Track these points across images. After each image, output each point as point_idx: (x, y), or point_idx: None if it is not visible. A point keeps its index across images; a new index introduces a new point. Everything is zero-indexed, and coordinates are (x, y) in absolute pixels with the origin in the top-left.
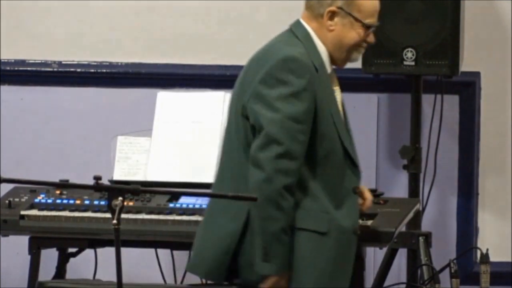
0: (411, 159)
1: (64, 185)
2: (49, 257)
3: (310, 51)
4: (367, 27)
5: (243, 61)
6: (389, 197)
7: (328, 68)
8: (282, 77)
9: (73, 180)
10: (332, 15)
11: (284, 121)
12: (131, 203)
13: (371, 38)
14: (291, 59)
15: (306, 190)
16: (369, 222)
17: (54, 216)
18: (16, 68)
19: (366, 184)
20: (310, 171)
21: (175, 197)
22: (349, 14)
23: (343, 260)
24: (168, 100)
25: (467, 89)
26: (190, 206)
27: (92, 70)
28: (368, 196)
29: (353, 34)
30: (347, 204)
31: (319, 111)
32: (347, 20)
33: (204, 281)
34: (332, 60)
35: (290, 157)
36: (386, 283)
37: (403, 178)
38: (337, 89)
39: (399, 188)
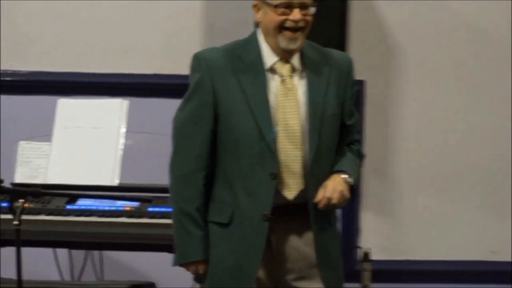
0: None
1: None
2: None
3: (245, 47)
4: (274, 6)
5: (138, 69)
6: None
7: (270, 58)
8: (190, 76)
9: None
10: (257, 9)
11: (175, 119)
12: (31, 205)
13: (294, 15)
14: (192, 58)
15: (215, 182)
16: None
17: None
18: None
19: None
20: (220, 162)
21: (73, 199)
22: (263, 2)
23: (250, 248)
24: (68, 107)
25: None
26: (88, 207)
27: None
28: (323, 193)
29: (270, 17)
30: (261, 191)
31: (222, 101)
32: (264, 8)
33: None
34: (278, 49)
35: (179, 150)
36: None
37: None
38: (286, 78)
39: None
